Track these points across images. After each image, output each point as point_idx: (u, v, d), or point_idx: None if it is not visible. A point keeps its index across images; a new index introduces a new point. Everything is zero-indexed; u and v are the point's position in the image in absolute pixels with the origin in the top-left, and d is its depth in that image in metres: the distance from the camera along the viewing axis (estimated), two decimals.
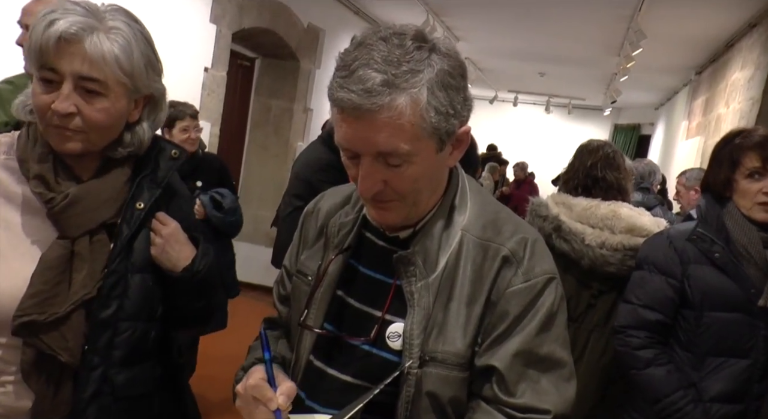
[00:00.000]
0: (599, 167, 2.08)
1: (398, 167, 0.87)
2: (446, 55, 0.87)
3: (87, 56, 1.02)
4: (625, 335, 1.80)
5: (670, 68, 8.34)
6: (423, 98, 0.83)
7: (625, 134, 13.74)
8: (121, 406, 1.12)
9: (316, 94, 6.64)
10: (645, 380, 1.75)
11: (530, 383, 0.90)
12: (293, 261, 1.14)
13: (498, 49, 8.62)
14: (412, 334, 0.91)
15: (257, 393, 0.91)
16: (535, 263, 0.94)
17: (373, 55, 0.82)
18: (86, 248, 1.09)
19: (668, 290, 1.76)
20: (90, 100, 1.05)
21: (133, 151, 1.16)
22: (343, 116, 0.85)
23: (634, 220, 1.98)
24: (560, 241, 1.99)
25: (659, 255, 1.80)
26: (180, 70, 4.85)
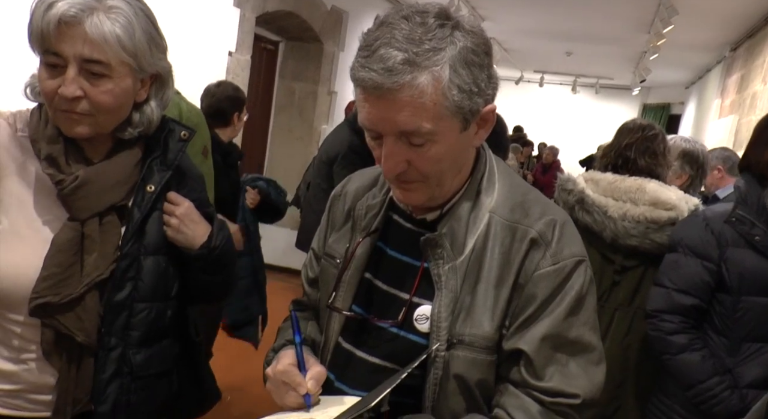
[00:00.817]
0: (633, 148, 2.01)
1: (421, 146, 0.86)
2: (470, 32, 0.85)
3: (88, 38, 1.01)
4: (658, 320, 1.76)
5: (702, 45, 8.10)
6: (445, 76, 0.82)
7: (654, 113, 13.45)
8: (140, 384, 1.15)
9: (340, 76, 6.61)
10: (679, 366, 1.72)
11: (559, 366, 0.89)
12: (321, 244, 1.14)
13: (524, 29, 8.46)
14: (440, 317, 0.91)
15: (287, 378, 0.93)
16: (563, 246, 0.92)
17: (394, 34, 0.81)
18: (96, 231, 1.10)
19: (704, 274, 1.72)
20: (95, 83, 1.04)
21: (143, 131, 1.16)
22: (365, 96, 0.84)
23: (658, 194, 1.93)
24: (583, 213, 1.97)
25: (695, 238, 1.75)
26: (204, 54, 4.86)
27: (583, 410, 0.90)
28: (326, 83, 6.48)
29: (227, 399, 3.26)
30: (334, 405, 0.94)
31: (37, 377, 1.10)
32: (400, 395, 0.85)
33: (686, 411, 1.75)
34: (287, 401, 0.93)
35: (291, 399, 0.92)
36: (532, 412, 0.88)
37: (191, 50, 4.73)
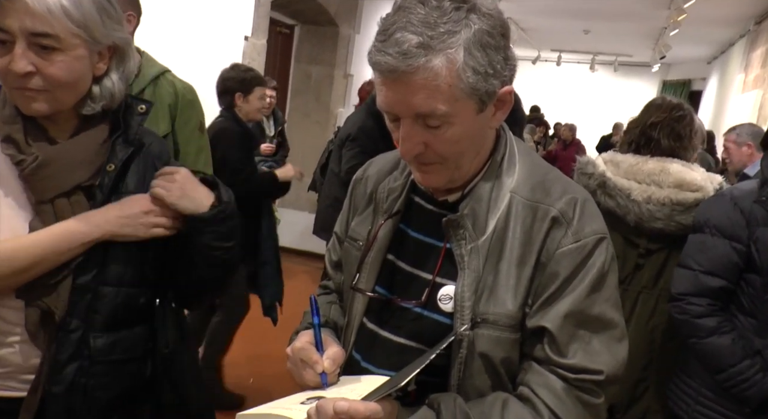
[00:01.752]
0: (658, 128, 1.94)
1: (437, 128, 0.87)
2: (486, 14, 0.85)
3: (31, 11, 0.98)
4: (684, 303, 1.71)
5: (725, 19, 7.92)
6: (459, 58, 0.82)
7: (675, 90, 13.21)
8: (100, 369, 1.12)
9: (356, 59, 6.59)
10: (708, 349, 1.67)
11: (582, 343, 0.90)
12: (344, 227, 1.15)
13: (540, 8, 8.34)
14: (463, 296, 0.92)
15: (303, 355, 0.95)
16: (585, 224, 0.92)
17: (410, 19, 0.82)
18: (68, 211, 1.09)
19: (733, 255, 1.66)
20: (46, 57, 1.01)
21: (106, 105, 1.12)
22: (382, 79, 0.86)
23: (683, 174, 1.88)
24: (605, 197, 1.92)
25: (723, 218, 1.69)
26: (220, 39, 4.88)
27: (607, 386, 0.91)
28: (342, 66, 6.46)
29: (250, 381, 3.33)
30: (353, 383, 0.95)
31: (22, 360, 1.10)
32: (426, 374, 0.87)
33: (715, 395, 1.72)
34: (305, 379, 0.95)
35: (309, 377, 0.94)
36: (557, 389, 0.89)
37: (207, 35, 4.75)
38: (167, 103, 2.00)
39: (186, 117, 2.06)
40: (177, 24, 4.39)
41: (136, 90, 1.96)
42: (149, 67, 2.02)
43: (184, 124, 2.05)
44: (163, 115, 2.00)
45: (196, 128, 2.10)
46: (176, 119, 2.03)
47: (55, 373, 1.08)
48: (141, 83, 1.97)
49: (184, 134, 2.06)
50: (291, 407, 0.87)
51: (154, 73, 2.01)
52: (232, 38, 5.02)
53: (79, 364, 1.10)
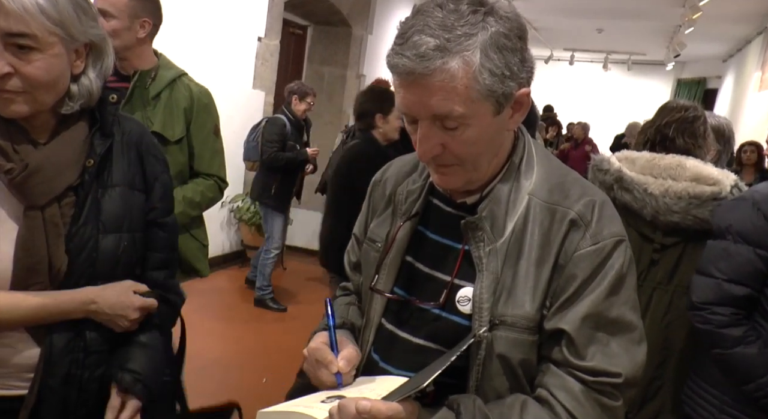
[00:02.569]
0: (673, 127, 1.95)
1: (455, 130, 0.87)
2: (504, 17, 0.86)
3: (6, 10, 0.96)
4: (707, 312, 1.64)
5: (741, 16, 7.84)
6: (476, 60, 0.82)
7: (690, 88, 13.11)
8: (94, 360, 1.14)
9: (369, 60, 6.60)
10: (734, 361, 1.61)
11: (600, 346, 0.89)
12: (362, 229, 1.16)
13: (553, 7, 8.31)
14: (482, 298, 0.92)
15: (318, 355, 0.96)
16: (603, 226, 0.92)
17: (428, 22, 0.83)
18: (57, 215, 1.08)
19: (757, 262, 1.60)
20: (24, 57, 0.99)
21: (84, 103, 1.11)
22: (400, 82, 0.86)
23: (699, 169, 1.88)
24: (621, 192, 1.91)
25: (746, 224, 1.63)
26: (234, 40, 4.90)
27: (625, 389, 0.90)
28: (355, 67, 6.47)
29: (263, 381, 3.34)
30: (372, 383, 0.96)
31: (22, 357, 1.10)
32: (444, 375, 0.87)
33: (741, 404, 1.66)
34: (321, 378, 0.96)
35: (324, 377, 0.95)
36: (575, 391, 0.88)
37: (221, 36, 4.78)
38: (183, 106, 2.02)
39: (202, 121, 2.07)
40: (191, 25, 4.42)
41: (152, 93, 1.98)
42: (166, 70, 2.03)
43: (200, 128, 2.07)
44: (179, 118, 2.01)
45: (211, 131, 2.12)
46: (192, 122, 2.05)
47: (50, 365, 1.09)
48: (158, 86, 1.99)
49: (200, 137, 2.07)
50: (312, 405, 0.88)
51: (170, 76, 2.02)
52: (246, 39, 5.05)
53: (73, 356, 1.11)
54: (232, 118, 4.90)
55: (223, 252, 5.33)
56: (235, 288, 5.02)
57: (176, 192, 2.02)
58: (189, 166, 2.09)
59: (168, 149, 2.00)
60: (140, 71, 1.96)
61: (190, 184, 2.08)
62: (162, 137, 1.98)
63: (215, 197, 2.16)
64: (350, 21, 6.27)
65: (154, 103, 1.98)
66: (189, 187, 2.07)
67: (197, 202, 2.06)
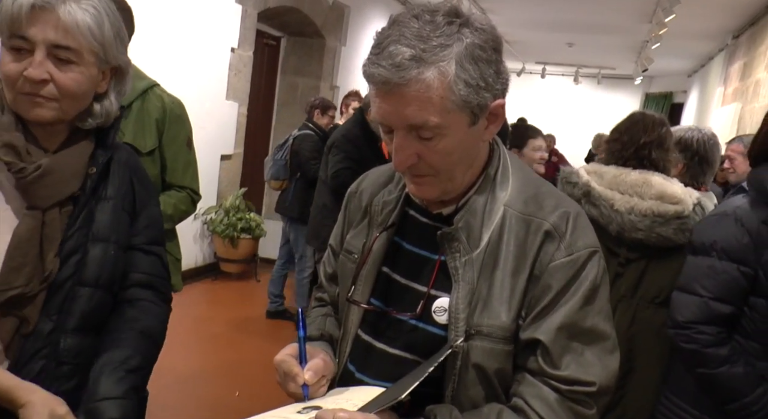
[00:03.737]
0: (651, 147, 1.96)
1: (430, 140, 0.88)
2: (479, 29, 0.87)
3: (61, 24, 1.03)
4: (693, 332, 1.60)
5: (704, 33, 8.08)
6: (451, 71, 0.83)
7: (657, 102, 13.42)
8: (63, 371, 1.11)
9: (343, 71, 6.62)
10: (721, 380, 1.58)
11: (574, 355, 0.90)
12: (338, 240, 1.16)
13: (525, 20, 8.45)
14: (458, 308, 0.92)
15: (285, 367, 0.96)
16: (577, 237, 0.93)
17: (404, 32, 0.83)
18: (56, 220, 1.10)
19: (742, 280, 1.57)
20: (62, 68, 1.06)
21: (101, 122, 1.17)
22: (377, 91, 0.87)
23: (664, 187, 1.91)
24: (589, 206, 1.94)
25: (731, 240, 1.59)
26: (207, 51, 4.87)
27: (599, 398, 0.92)
28: (328, 78, 6.48)
29: (236, 394, 3.29)
30: (348, 394, 0.96)
31: None
32: (421, 385, 0.87)
33: None
34: (289, 390, 0.96)
35: (292, 389, 0.96)
36: (550, 400, 0.89)
37: (194, 47, 4.74)
38: (155, 117, 1.99)
39: (174, 132, 2.04)
40: (164, 36, 4.38)
41: (123, 103, 1.94)
42: (138, 80, 2.00)
43: (172, 139, 2.04)
44: (150, 130, 1.98)
45: (184, 143, 2.09)
46: (164, 134, 2.02)
47: (18, 369, 1.06)
48: (129, 97, 1.96)
49: (172, 149, 2.04)
50: (288, 417, 0.87)
51: (142, 86, 1.99)
52: (219, 50, 5.02)
53: (43, 364, 1.08)
54: (205, 129, 4.86)
55: (196, 265, 5.26)
56: (208, 301, 4.95)
57: None
58: (161, 178, 2.06)
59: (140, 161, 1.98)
60: None
61: (162, 196, 2.04)
62: (133, 148, 1.94)
63: (188, 210, 2.12)
64: (324, 32, 6.29)
65: (125, 113, 1.95)
66: (161, 200, 2.04)
67: (169, 215, 2.02)
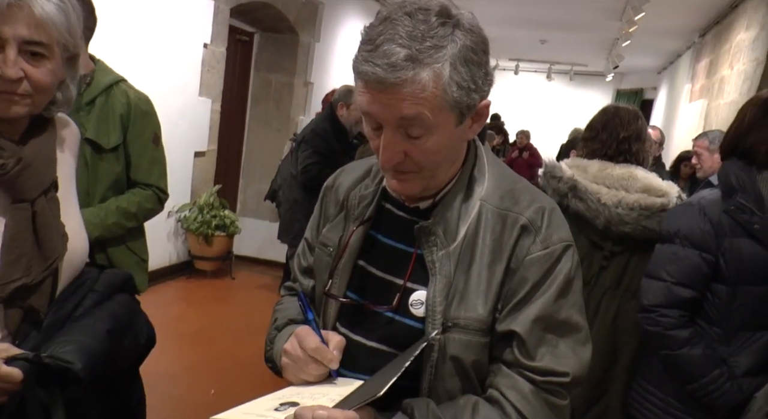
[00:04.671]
0: (630, 141, 2.02)
1: (418, 139, 0.89)
2: (469, 31, 0.88)
3: (33, 19, 1.03)
4: (657, 315, 1.70)
5: (673, 31, 8.24)
6: (446, 73, 0.84)
7: (628, 98, 13.64)
8: None
9: (317, 67, 6.59)
10: (681, 361, 1.67)
11: (549, 347, 0.92)
12: (314, 234, 1.16)
13: (499, 18, 8.51)
14: (435, 301, 0.93)
15: (319, 355, 0.95)
16: (552, 232, 0.95)
17: (398, 31, 0.84)
18: (46, 207, 1.11)
19: (703, 266, 1.67)
20: (35, 64, 1.05)
21: (64, 109, 1.18)
22: (367, 89, 0.87)
23: (649, 180, 1.96)
24: (576, 200, 1.96)
25: (694, 229, 1.68)
26: (179, 47, 4.81)
27: (572, 388, 0.94)
28: (302, 74, 6.45)
29: (211, 392, 3.27)
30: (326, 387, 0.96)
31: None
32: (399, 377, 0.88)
33: (682, 404, 1.73)
34: (308, 373, 0.96)
35: (311, 371, 0.96)
36: (525, 391, 0.91)
37: (166, 43, 4.68)
38: (119, 113, 1.94)
39: (139, 128, 2.00)
40: (134, 31, 4.31)
41: (86, 99, 1.90)
42: (103, 75, 1.96)
43: (137, 135, 1.99)
44: (114, 125, 1.94)
45: (150, 139, 2.04)
46: (128, 130, 1.97)
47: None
48: (93, 92, 1.91)
49: (137, 145, 2.00)
50: (266, 413, 0.86)
51: (107, 81, 1.95)
52: (191, 46, 4.96)
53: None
54: (178, 126, 4.80)
55: (170, 263, 5.19)
56: (183, 299, 4.91)
57: (110, 202, 1.95)
58: (127, 175, 2.02)
59: (103, 157, 1.93)
60: None
61: (126, 194, 2.01)
62: (96, 144, 1.91)
63: (154, 209, 2.08)
64: (297, 28, 6.25)
65: (88, 108, 1.90)
66: (124, 197, 1.99)
67: (132, 213, 1.98)
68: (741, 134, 1.71)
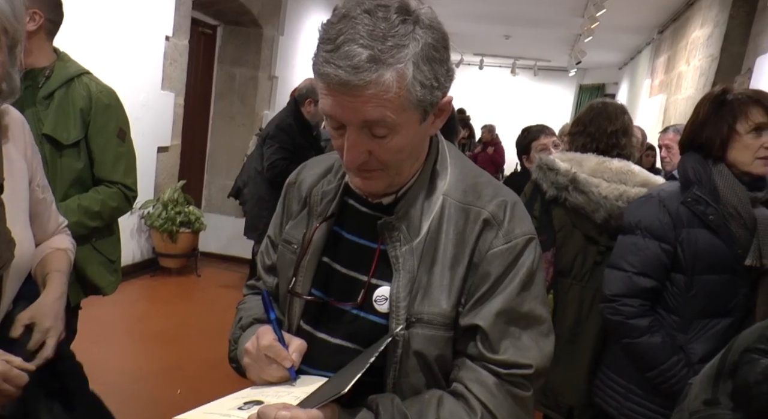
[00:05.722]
0: (618, 135, 2.06)
1: (383, 138, 0.88)
2: (429, 27, 0.87)
3: None
4: (618, 304, 1.75)
5: (633, 28, 8.41)
6: (409, 73, 0.84)
7: (590, 93, 13.89)
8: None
9: (281, 61, 6.52)
10: (641, 349, 1.72)
11: (512, 340, 0.93)
12: (277, 231, 1.15)
13: (463, 13, 8.55)
14: (399, 297, 0.94)
15: (272, 352, 0.95)
16: (515, 225, 0.96)
17: (358, 30, 0.82)
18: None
19: (662, 256, 1.72)
20: None
21: (10, 100, 1.14)
22: (329, 90, 0.85)
23: (647, 175, 2.00)
24: (576, 193, 1.98)
25: (654, 220, 1.74)
26: (140, 39, 4.71)
27: (535, 379, 0.95)
28: (267, 68, 6.38)
29: (178, 392, 3.23)
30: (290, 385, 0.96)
31: None
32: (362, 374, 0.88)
33: (643, 392, 1.78)
34: (270, 374, 0.96)
35: (274, 372, 0.95)
36: (489, 384, 0.92)
37: (127, 35, 4.57)
38: (79, 107, 1.87)
39: (102, 123, 1.92)
40: (92, 22, 4.20)
41: (44, 93, 1.83)
42: (65, 68, 1.89)
43: (100, 130, 1.92)
44: (74, 120, 1.86)
45: (114, 134, 1.96)
46: (90, 124, 1.90)
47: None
48: (52, 85, 1.84)
49: (100, 141, 1.92)
50: (229, 413, 0.86)
51: (68, 74, 1.88)
52: (153, 38, 4.86)
53: None
54: (140, 120, 4.70)
55: (133, 261, 5.10)
56: (147, 298, 4.82)
57: (72, 201, 1.88)
58: (91, 173, 1.95)
59: (62, 154, 1.86)
60: (31, 69, 1.81)
61: (89, 192, 1.93)
62: (54, 140, 1.84)
63: (120, 207, 1.99)
64: (261, 21, 6.17)
65: (46, 102, 1.83)
66: (87, 195, 1.92)
67: (96, 211, 1.91)
68: (697, 129, 1.77)
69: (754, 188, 1.71)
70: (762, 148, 1.67)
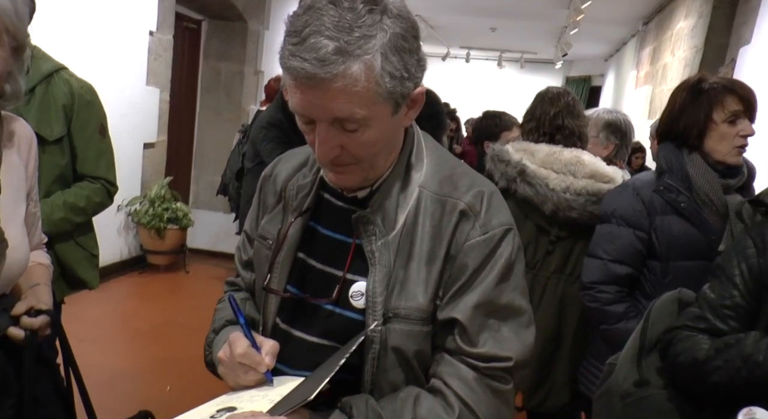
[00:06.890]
0: (562, 116, 2.08)
1: (354, 132, 0.86)
2: (398, 16, 0.85)
3: None
4: (595, 291, 1.79)
5: (618, 20, 8.43)
6: (377, 64, 0.81)
7: (577, 85, 13.93)
8: None
9: (267, 55, 6.49)
10: (617, 335, 1.73)
11: (491, 332, 0.91)
12: (253, 226, 1.13)
13: (448, 5, 8.54)
14: (375, 292, 0.92)
15: (247, 360, 0.93)
16: (492, 216, 0.94)
17: (323, 21, 0.79)
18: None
19: (637, 244, 1.75)
20: None
21: (14, 103, 1.13)
22: (297, 85, 0.82)
23: (596, 166, 2.01)
24: (524, 185, 1.99)
25: (628, 209, 1.77)
26: (123, 34, 4.66)
27: (515, 371, 0.93)
28: (252, 63, 6.34)
29: (167, 389, 3.23)
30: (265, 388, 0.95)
31: None
32: (340, 371, 0.86)
33: None
34: (246, 380, 0.95)
35: (250, 378, 0.94)
36: (468, 379, 0.90)
37: (110, 31, 4.53)
38: (62, 103, 1.86)
39: (84, 119, 1.93)
40: (75, 17, 4.16)
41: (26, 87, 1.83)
42: (41, 63, 1.87)
43: (82, 126, 1.92)
44: (57, 116, 1.86)
45: (95, 130, 1.97)
46: (73, 120, 1.90)
47: None
48: (32, 81, 1.81)
49: (82, 137, 1.93)
50: None
51: (47, 69, 1.86)
52: (137, 33, 4.81)
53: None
54: (126, 116, 4.66)
55: (121, 258, 5.07)
56: (135, 295, 4.80)
57: (56, 197, 1.88)
58: (73, 169, 1.95)
59: (46, 150, 1.85)
60: None
61: (73, 188, 1.94)
62: (38, 136, 1.84)
63: (103, 202, 2.02)
64: (245, 15, 6.13)
65: (27, 98, 1.80)
66: (72, 191, 1.92)
67: (81, 207, 1.92)
68: (674, 118, 1.79)
69: (727, 175, 1.74)
70: (737, 136, 1.70)
